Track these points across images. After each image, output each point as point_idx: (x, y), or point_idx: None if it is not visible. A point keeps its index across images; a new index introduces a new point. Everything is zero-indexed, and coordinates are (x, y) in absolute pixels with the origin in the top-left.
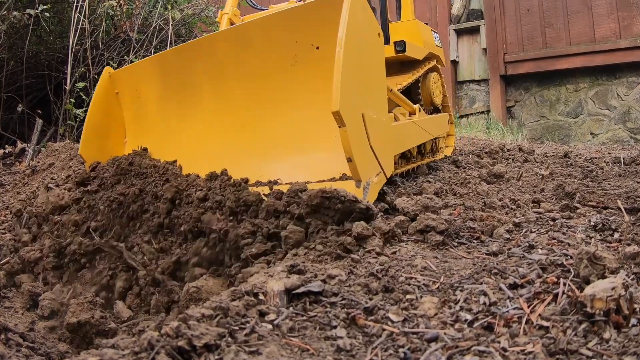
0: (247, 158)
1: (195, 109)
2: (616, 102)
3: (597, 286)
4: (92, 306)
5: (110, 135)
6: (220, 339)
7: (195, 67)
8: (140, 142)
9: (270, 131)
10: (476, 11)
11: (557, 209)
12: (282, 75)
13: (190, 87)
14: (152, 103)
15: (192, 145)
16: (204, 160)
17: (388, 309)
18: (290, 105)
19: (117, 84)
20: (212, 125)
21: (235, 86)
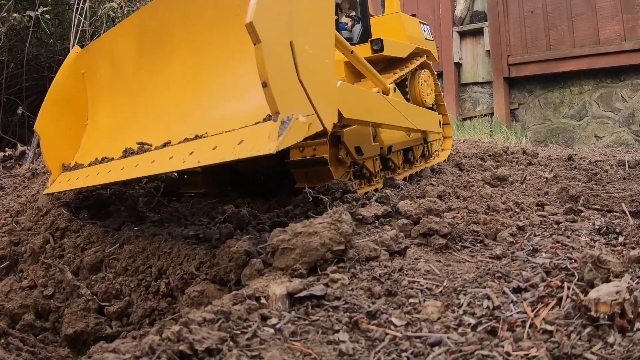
0: (190, 116)
1: (150, 78)
2: (621, 104)
3: (602, 290)
4: (86, 313)
5: (69, 116)
6: (221, 343)
7: (145, 36)
8: (101, 123)
9: (211, 84)
10: (479, 13)
11: (561, 212)
12: (210, 35)
13: (144, 56)
14: (111, 81)
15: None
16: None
17: (391, 313)
18: (232, 56)
19: (83, 64)
20: (161, 85)
21: (181, 46)
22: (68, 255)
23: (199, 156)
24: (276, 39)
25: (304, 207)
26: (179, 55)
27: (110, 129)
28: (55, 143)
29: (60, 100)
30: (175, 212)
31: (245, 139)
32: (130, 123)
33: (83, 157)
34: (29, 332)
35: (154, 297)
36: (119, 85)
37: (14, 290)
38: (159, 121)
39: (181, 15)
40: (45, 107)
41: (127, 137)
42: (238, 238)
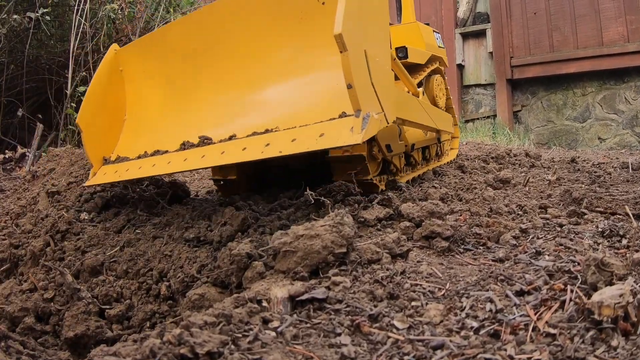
0: (255, 110)
1: (205, 75)
2: (624, 106)
3: (605, 293)
4: (87, 316)
5: (109, 111)
6: (223, 347)
7: (202, 34)
8: (137, 121)
9: (278, 84)
10: (482, 14)
11: (564, 214)
12: (290, 31)
13: (196, 54)
14: (157, 79)
15: (203, 110)
16: (213, 120)
17: (393, 316)
18: (299, 62)
19: (122, 61)
20: (221, 84)
21: (243, 47)
22: (68, 258)
23: (279, 147)
24: (356, 48)
25: (306, 210)
26: (242, 56)
27: (157, 124)
28: (95, 137)
29: (100, 96)
30: (176, 215)
31: (325, 132)
32: (183, 119)
33: (125, 150)
34: (29, 335)
35: (154, 300)
36: (168, 82)
37: (14, 293)
38: (217, 117)
39: (246, 16)
40: (86, 102)
41: (180, 132)
42: (239, 241)
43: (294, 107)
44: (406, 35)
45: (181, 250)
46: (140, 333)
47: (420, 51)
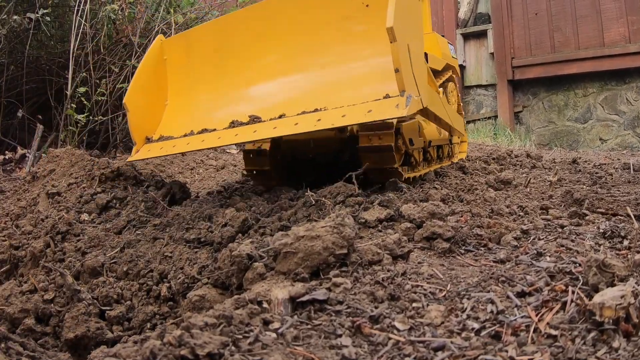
0: (303, 94)
1: (254, 64)
2: (625, 107)
3: (606, 294)
4: (87, 317)
5: (153, 95)
6: (223, 348)
7: (250, 29)
8: (179, 107)
9: (323, 73)
10: (483, 15)
11: (565, 215)
12: (336, 30)
13: (244, 46)
14: (203, 68)
15: (251, 95)
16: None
17: (394, 317)
18: (343, 52)
19: (167, 51)
20: (269, 72)
21: (291, 40)
22: (69, 259)
23: (330, 121)
24: (402, 40)
25: (307, 211)
26: (290, 48)
27: (202, 108)
28: (139, 118)
29: (145, 81)
30: (176, 216)
31: (373, 109)
32: (230, 102)
33: (169, 131)
34: (29, 337)
35: (155, 301)
36: (215, 71)
37: (14, 295)
38: (265, 101)
39: (294, 13)
40: (133, 85)
41: (228, 113)
42: (240, 242)
43: (340, 91)
44: (426, 45)
45: (182, 251)
46: (140, 334)
47: (438, 59)
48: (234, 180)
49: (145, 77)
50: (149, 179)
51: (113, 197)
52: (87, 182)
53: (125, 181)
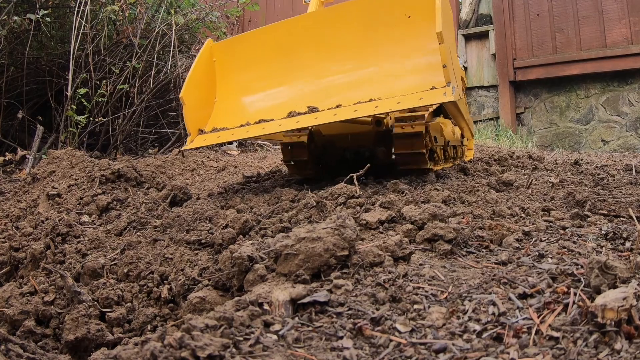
0: (356, 87)
1: (306, 63)
2: (627, 108)
3: (608, 296)
4: (87, 319)
5: (204, 92)
6: (224, 350)
7: (304, 34)
8: (232, 102)
9: (372, 70)
10: (485, 16)
11: (567, 217)
12: (383, 36)
13: (293, 52)
14: (252, 69)
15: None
16: (316, 96)
17: (395, 319)
18: (392, 53)
19: (215, 54)
20: (320, 71)
21: (342, 44)
22: (69, 261)
23: (388, 107)
24: (447, 42)
25: (308, 212)
26: (340, 50)
27: (256, 102)
28: (193, 111)
29: (197, 80)
30: (177, 218)
31: (424, 97)
32: (286, 96)
33: (222, 123)
34: (29, 339)
35: (155, 303)
36: (267, 70)
37: (14, 296)
38: (320, 94)
39: (346, 21)
40: (188, 82)
41: (285, 105)
42: (241, 243)
43: (391, 85)
44: None
45: (182, 253)
46: (141, 336)
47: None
48: (235, 181)
49: (198, 76)
50: (150, 180)
51: (113, 198)
52: (88, 184)
53: (125, 183)
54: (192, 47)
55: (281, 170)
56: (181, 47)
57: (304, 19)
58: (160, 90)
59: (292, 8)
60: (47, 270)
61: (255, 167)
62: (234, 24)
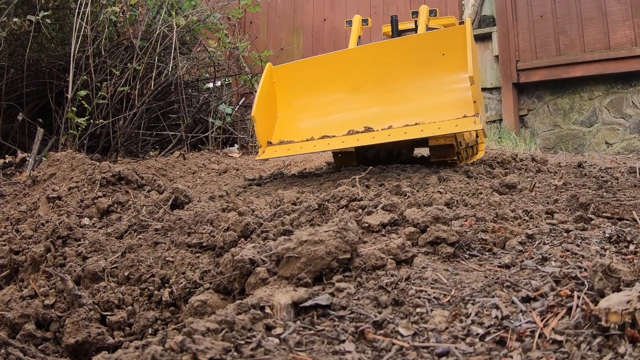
0: (403, 114)
1: (355, 92)
2: (632, 110)
3: (612, 299)
4: (88, 322)
5: (268, 109)
6: (225, 354)
7: (352, 67)
8: (287, 118)
9: (415, 100)
10: (488, 17)
11: (571, 220)
12: (422, 69)
13: (348, 79)
14: (301, 92)
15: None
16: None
17: (398, 322)
18: (429, 87)
19: (275, 75)
20: (371, 99)
21: (388, 75)
22: (69, 264)
23: (431, 131)
24: (477, 81)
25: (310, 215)
26: (385, 82)
27: (317, 119)
28: (263, 127)
29: (263, 99)
30: (178, 220)
31: (458, 124)
32: (347, 118)
33: (287, 136)
34: (29, 342)
35: (156, 306)
36: (327, 91)
37: (14, 300)
38: (373, 118)
39: (390, 57)
40: (257, 102)
41: (344, 125)
42: (242, 246)
43: (431, 113)
44: None
45: (183, 256)
46: (142, 340)
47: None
48: (236, 184)
49: (264, 96)
50: (151, 183)
51: (114, 201)
52: (88, 186)
53: (126, 185)
54: (193, 48)
55: (283, 173)
56: (182, 49)
57: (355, 52)
58: (161, 92)
59: (293, 10)
60: (48, 274)
61: (257, 170)
62: (235, 25)
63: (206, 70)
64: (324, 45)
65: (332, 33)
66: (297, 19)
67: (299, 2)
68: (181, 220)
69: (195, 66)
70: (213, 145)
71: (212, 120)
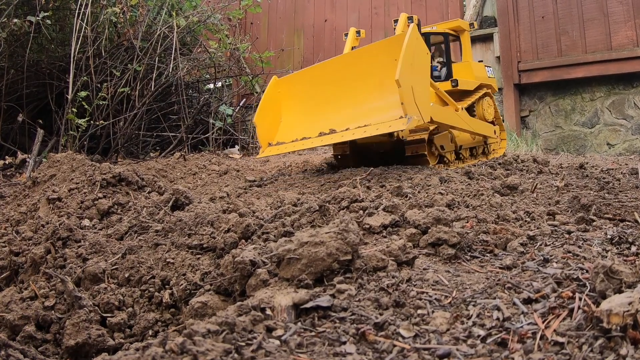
0: (357, 116)
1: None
2: (633, 111)
3: (614, 301)
4: (88, 324)
5: (271, 115)
6: (226, 355)
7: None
8: (288, 123)
9: (368, 104)
10: (489, 18)
11: (572, 221)
12: (377, 75)
13: (324, 85)
14: (298, 100)
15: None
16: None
17: (399, 324)
18: (380, 91)
19: (280, 86)
20: (336, 104)
21: (350, 84)
22: (70, 266)
23: (370, 132)
24: (407, 84)
25: (310, 217)
26: (352, 87)
27: (302, 124)
28: (263, 131)
29: (267, 107)
30: (178, 222)
31: (392, 125)
32: (318, 120)
33: (282, 138)
34: (29, 344)
35: (157, 308)
36: (308, 100)
37: (14, 301)
38: (338, 120)
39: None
40: (260, 109)
41: (317, 127)
42: (243, 248)
43: (377, 116)
44: (461, 70)
45: (184, 257)
46: (142, 341)
47: (469, 81)
48: (237, 185)
49: (266, 104)
50: (151, 184)
51: (114, 202)
52: (88, 188)
53: (127, 186)
54: (194, 49)
55: (284, 174)
56: (183, 50)
57: (335, 62)
58: (162, 93)
59: (294, 10)
60: (48, 275)
61: (257, 171)
62: (236, 26)
63: (207, 71)
64: (324, 46)
65: (333, 34)
66: (297, 19)
67: (300, 3)
68: (182, 221)
69: (195, 67)
70: (214, 146)
71: (212, 122)
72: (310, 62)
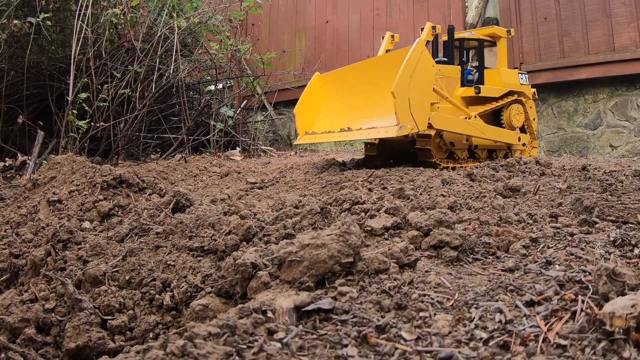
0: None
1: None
2: (636, 113)
3: (617, 303)
4: (89, 326)
5: (312, 108)
6: (227, 358)
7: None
8: (325, 116)
9: (378, 108)
10: (491, 19)
11: (575, 223)
12: (387, 82)
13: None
14: (333, 95)
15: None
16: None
17: (401, 327)
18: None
19: (322, 81)
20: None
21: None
22: (70, 268)
23: (375, 134)
24: (403, 96)
25: (312, 219)
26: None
27: (330, 118)
28: (302, 121)
29: (308, 100)
30: (179, 224)
31: (388, 131)
32: (342, 116)
33: (317, 129)
34: (29, 347)
35: (157, 310)
36: (343, 96)
37: (15, 304)
38: (355, 118)
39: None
40: (301, 101)
41: (340, 123)
42: (244, 250)
43: (381, 120)
44: (491, 77)
45: (185, 259)
46: (143, 344)
47: (495, 88)
48: (238, 187)
49: (306, 98)
50: (152, 186)
51: (115, 204)
52: (89, 190)
53: (127, 188)
54: (195, 51)
55: (285, 176)
56: (183, 51)
57: (366, 64)
58: (163, 94)
59: (295, 11)
60: (48, 277)
61: (258, 173)
62: (237, 27)
63: (208, 73)
64: (326, 47)
65: (335, 35)
66: (299, 20)
67: (301, 4)
68: (182, 223)
69: (196, 68)
70: (214, 148)
71: (213, 123)
72: (312, 63)
